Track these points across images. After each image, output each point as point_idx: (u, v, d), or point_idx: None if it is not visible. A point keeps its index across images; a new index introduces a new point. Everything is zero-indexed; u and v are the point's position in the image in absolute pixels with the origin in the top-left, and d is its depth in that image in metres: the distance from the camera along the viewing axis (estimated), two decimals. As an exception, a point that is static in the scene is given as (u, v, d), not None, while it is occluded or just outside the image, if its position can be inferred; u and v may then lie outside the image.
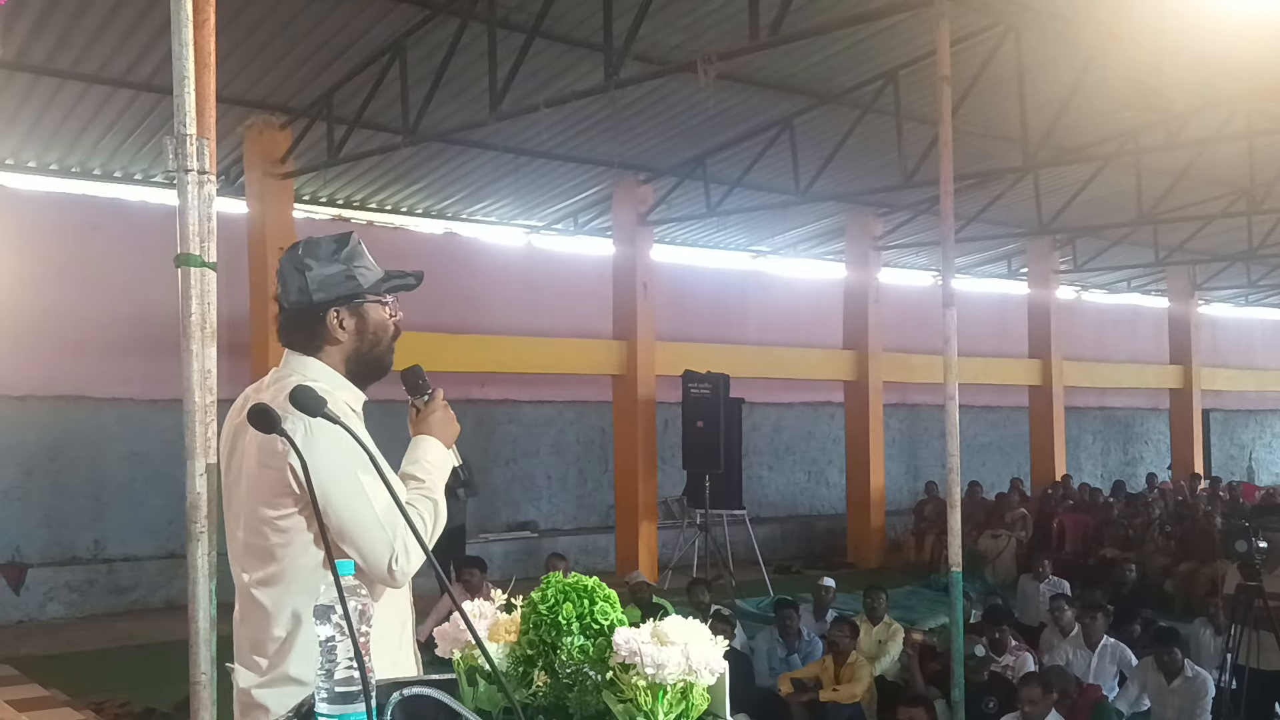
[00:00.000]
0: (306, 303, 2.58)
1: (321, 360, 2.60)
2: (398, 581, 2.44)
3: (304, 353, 2.61)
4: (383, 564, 2.41)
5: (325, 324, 2.58)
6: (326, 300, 2.57)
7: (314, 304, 2.57)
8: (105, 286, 12.21)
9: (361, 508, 2.39)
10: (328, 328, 2.58)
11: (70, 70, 10.02)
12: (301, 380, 2.39)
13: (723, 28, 9.99)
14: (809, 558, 16.66)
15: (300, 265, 2.58)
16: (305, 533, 2.46)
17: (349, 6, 9.67)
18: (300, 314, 2.59)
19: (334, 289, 2.57)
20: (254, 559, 2.54)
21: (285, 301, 2.60)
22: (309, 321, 2.59)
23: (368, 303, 2.61)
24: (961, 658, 6.57)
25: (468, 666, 1.81)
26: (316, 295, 2.57)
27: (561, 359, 14.44)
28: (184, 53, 2.80)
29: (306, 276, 2.57)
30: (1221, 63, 10.88)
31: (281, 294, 2.61)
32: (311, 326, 2.59)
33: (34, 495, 12.14)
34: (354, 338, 2.60)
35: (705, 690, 1.63)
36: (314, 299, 2.57)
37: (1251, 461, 26.37)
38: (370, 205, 14.23)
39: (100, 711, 7.69)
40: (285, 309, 2.61)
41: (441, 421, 2.70)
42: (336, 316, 2.58)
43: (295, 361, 2.61)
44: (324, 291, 2.57)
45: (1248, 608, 7.32)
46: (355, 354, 2.62)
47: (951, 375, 6.44)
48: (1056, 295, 19.98)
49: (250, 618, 2.56)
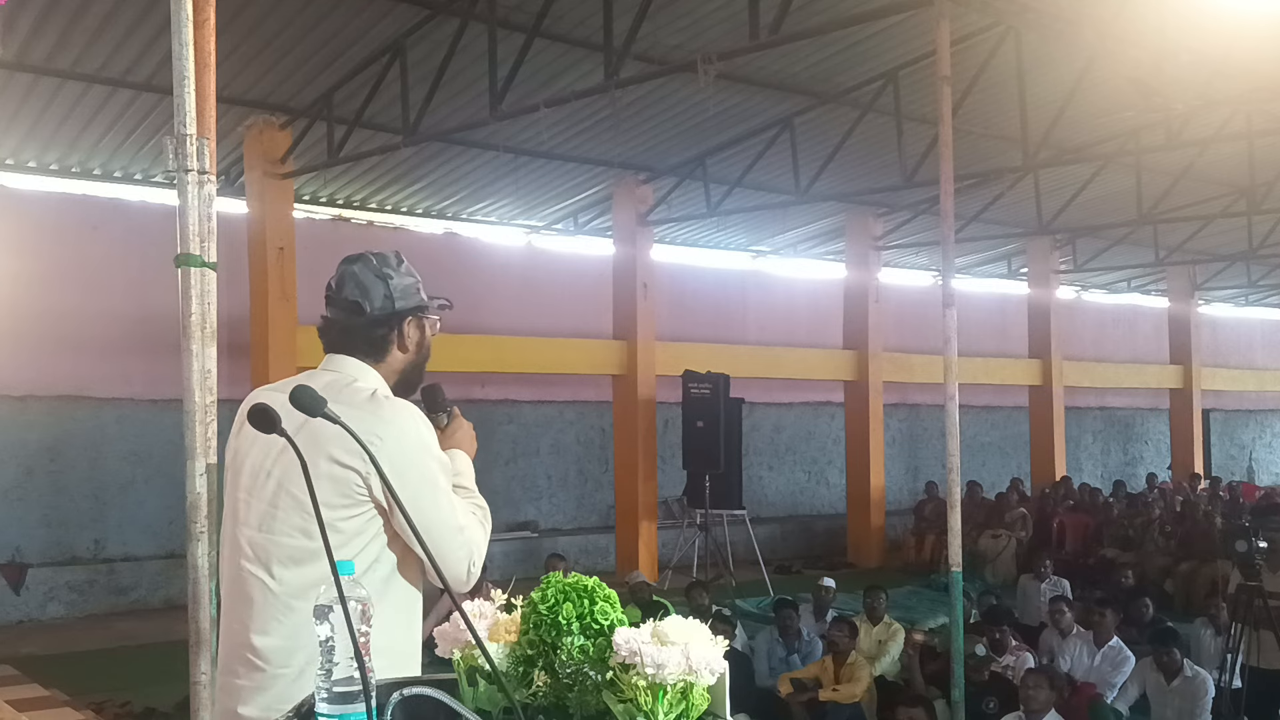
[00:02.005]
0: (390, 309, 2.62)
1: (377, 370, 2.63)
2: (469, 584, 2.49)
3: (365, 359, 2.63)
4: (462, 567, 2.48)
5: (401, 332, 2.64)
6: (406, 309, 2.64)
7: (396, 311, 2.62)
8: (105, 286, 12.20)
9: (447, 510, 2.47)
10: (403, 336, 2.65)
11: (70, 70, 10.01)
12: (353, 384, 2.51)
13: (723, 27, 9.99)
14: (809, 558, 16.65)
15: (381, 274, 2.63)
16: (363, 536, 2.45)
17: (349, 6, 9.66)
18: (382, 320, 2.62)
19: (410, 299, 2.65)
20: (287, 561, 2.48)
21: (370, 307, 2.60)
22: (384, 330, 2.63)
23: (427, 318, 2.71)
24: (962, 657, 6.57)
25: (468, 666, 1.81)
26: (399, 303, 2.62)
27: (561, 359, 14.44)
28: (184, 52, 2.80)
29: (390, 284, 2.62)
30: (1222, 63, 10.87)
31: (362, 300, 2.60)
32: (385, 334, 2.64)
33: (34, 495, 12.14)
34: (415, 349, 2.69)
35: (705, 690, 1.63)
36: (397, 306, 2.62)
37: (1251, 461, 26.37)
38: (370, 205, 14.23)
39: (100, 711, 7.69)
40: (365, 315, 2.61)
41: (469, 438, 2.80)
42: (409, 326, 2.66)
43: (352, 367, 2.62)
44: (405, 300, 2.64)
45: (1248, 607, 7.34)
46: (411, 365, 2.69)
47: (951, 375, 6.44)
48: (1056, 295, 19.98)
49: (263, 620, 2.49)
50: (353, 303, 2.61)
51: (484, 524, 2.58)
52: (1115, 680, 8.10)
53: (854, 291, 16.98)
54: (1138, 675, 7.91)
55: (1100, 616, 8.49)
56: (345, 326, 2.63)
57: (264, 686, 2.45)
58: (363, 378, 2.60)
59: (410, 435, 2.46)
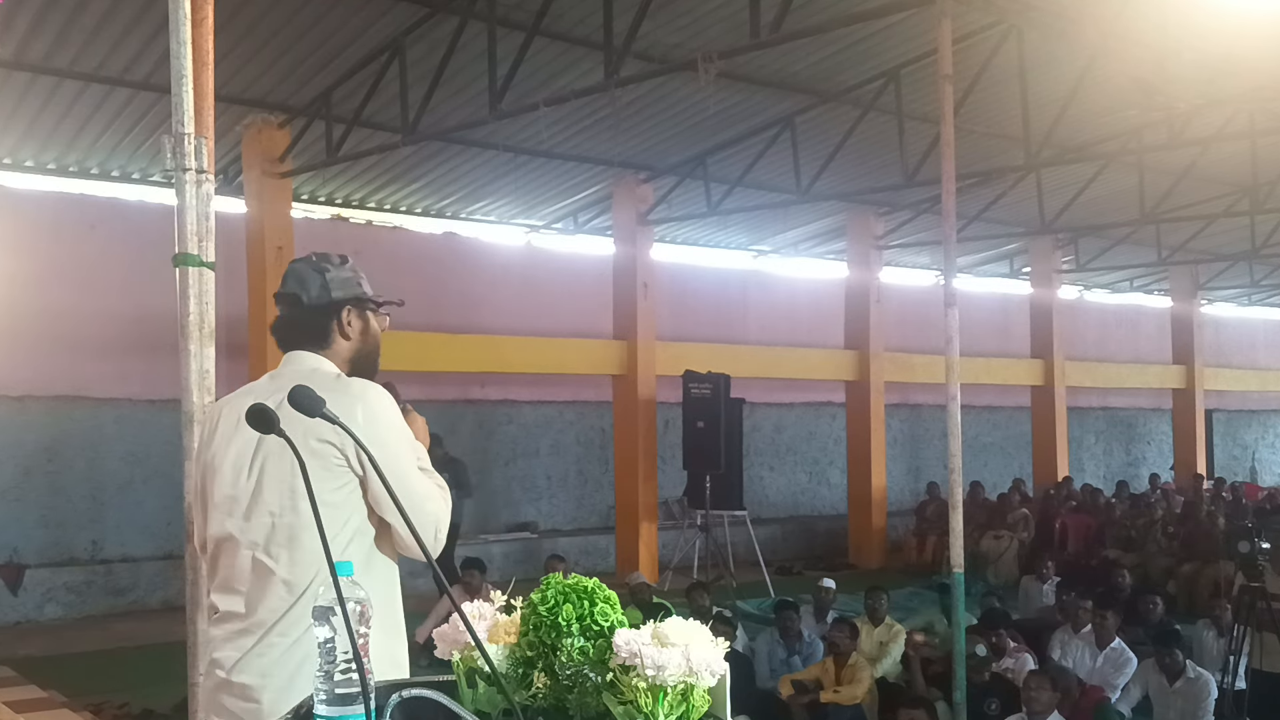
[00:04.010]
0: (327, 299, 2.78)
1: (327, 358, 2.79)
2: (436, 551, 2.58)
3: (314, 350, 2.79)
4: (429, 534, 2.61)
5: (340, 320, 2.80)
6: (343, 298, 2.80)
7: (333, 300, 2.78)
8: (103, 286, 12.18)
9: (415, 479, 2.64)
10: (341, 324, 2.80)
11: (68, 69, 10.00)
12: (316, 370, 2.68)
13: (723, 26, 9.97)
14: (810, 559, 16.63)
15: (319, 268, 2.81)
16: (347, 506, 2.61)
17: (348, 5, 9.65)
18: (320, 310, 2.79)
19: (349, 289, 2.81)
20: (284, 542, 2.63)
21: (306, 298, 2.77)
22: (324, 318, 2.79)
23: (368, 309, 2.85)
24: (963, 659, 6.55)
25: (467, 668, 1.80)
26: (336, 293, 2.79)
27: (561, 359, 14.43)
28: (182, 51, 2.79)
29: (326, 276, 2.80)
30: (1224, 61, 10.87)
31: (300, 291, 2.78)
32: (325, 323, 2.80)
33: (32, 496, 12.12)
34: (359, 338, 2.83)
35: (706, 692, 1.63)
36: (333, 295, 2.78)
37: (1254, 462, 26.37)
38: (369, 204, 14.22)
39: (99, 713, 7.67)
40: (304, 306, 2.78)
41: (421, 430, 2.86)
42: (349, 315, 2.81)
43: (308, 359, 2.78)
44: (342, 290, 2.80)
45: (1251, 609, 7.32)
46: (358, 354, 2.83)
47: (953, 375, 6.42)
48: (1059, 295, 19.98)
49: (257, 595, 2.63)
50: (292, 295, 2.79)
51: (445, 500, 2.71)
52: (1117, 681, 8.08)
53: (855, 291, 16.97)
54: (1140, 677, 7.90)
55: (1101, 618, 8.46)
56: (289, 320, 2.81)
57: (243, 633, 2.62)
58: (321, 366, 2.77)
59: (379, 407, 2.63)
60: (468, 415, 15.19)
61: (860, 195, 14.74)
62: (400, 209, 14.53)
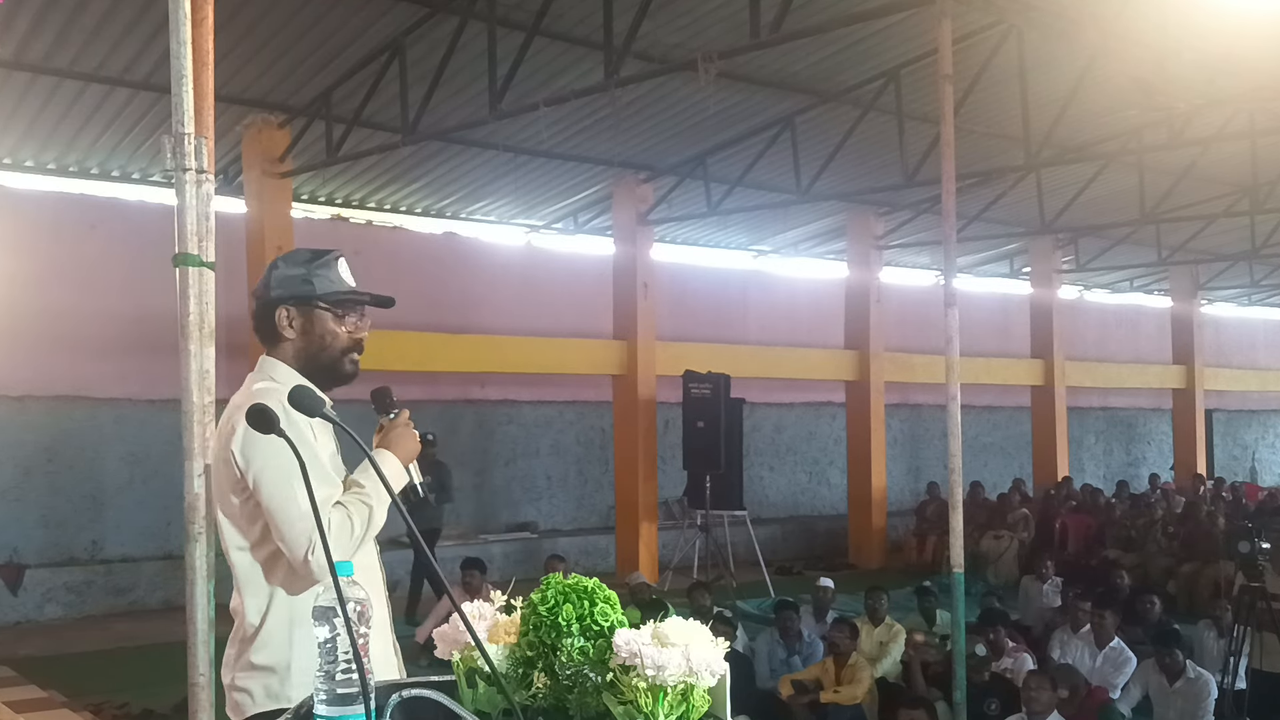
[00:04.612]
0: (266, 297, 2.82)
1: (278, 358, 2.83)
2: (312, 572, 2.60)
3: (266, 347, 2.86)
4: (300, 550, 2.59)
5: (275, 319, 2.81)
6: (280, 297, 2.81)
7: (270, 299, 2.81)
8: (103, 286, 12.17)
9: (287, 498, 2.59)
10: (276, 323, 2.81)
11: (68, 68, 9.99)
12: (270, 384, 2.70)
13: (723, 26, 9.97)
14: (810, 559, 16.63)
15: (274, 265, 2.87)
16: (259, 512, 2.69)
17: (348, 5, 9.65)
18: (264, 307, 2.83)
19: (289, 288, 2.81)
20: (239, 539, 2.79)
21: (258, 295, 2.84)
22: (265, 316, 2.83)
23: (318, 309, 2.81)
24: (963, 659, 6.55)
25: (467, 668, 1.80)
26: (274, 291, 2.81)
27: (561, 359, 14.42)
28: (182, 51, 2.78)
29: (271, 274, 2.84)
30: (1224, 61, 10.86)
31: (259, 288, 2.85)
32: (267, 321, 2.83)
33: (31, 496, 12.12)
34: (300, 338, 2.82)
35: (706, 692, 1.63)
36: (271, 294, 2.81)
37: (1254, 462, 26.36)
38: (369, 204, 14.21)
39: (98, 713, 7.68)
40: (256, 303, 2.84)
41: (401, 438, 2.86)
42: (286, 314, 2.81)
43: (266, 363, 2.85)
44: (280, 289, 2.81)
45: (1251, 609, 7.32)
46: (304, 354, 2.82)
47: (953, 375, 6.42)
48: (1059, 295, 19.97)
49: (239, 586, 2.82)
50: (254, 292, 2.86)
51: (350, 519, 2.64)
52: (1116, 681, 8.08)
53: (855, 291, 16.97)
54: (1140, 677, 7.89)
55: (1100, 618, 8.47)
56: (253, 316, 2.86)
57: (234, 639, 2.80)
58: (263, 369, 2.82)
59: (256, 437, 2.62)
60: (468, 415, 15.19)
61: (860, 195, 14.74)
62: (400, 209, 14.53)
